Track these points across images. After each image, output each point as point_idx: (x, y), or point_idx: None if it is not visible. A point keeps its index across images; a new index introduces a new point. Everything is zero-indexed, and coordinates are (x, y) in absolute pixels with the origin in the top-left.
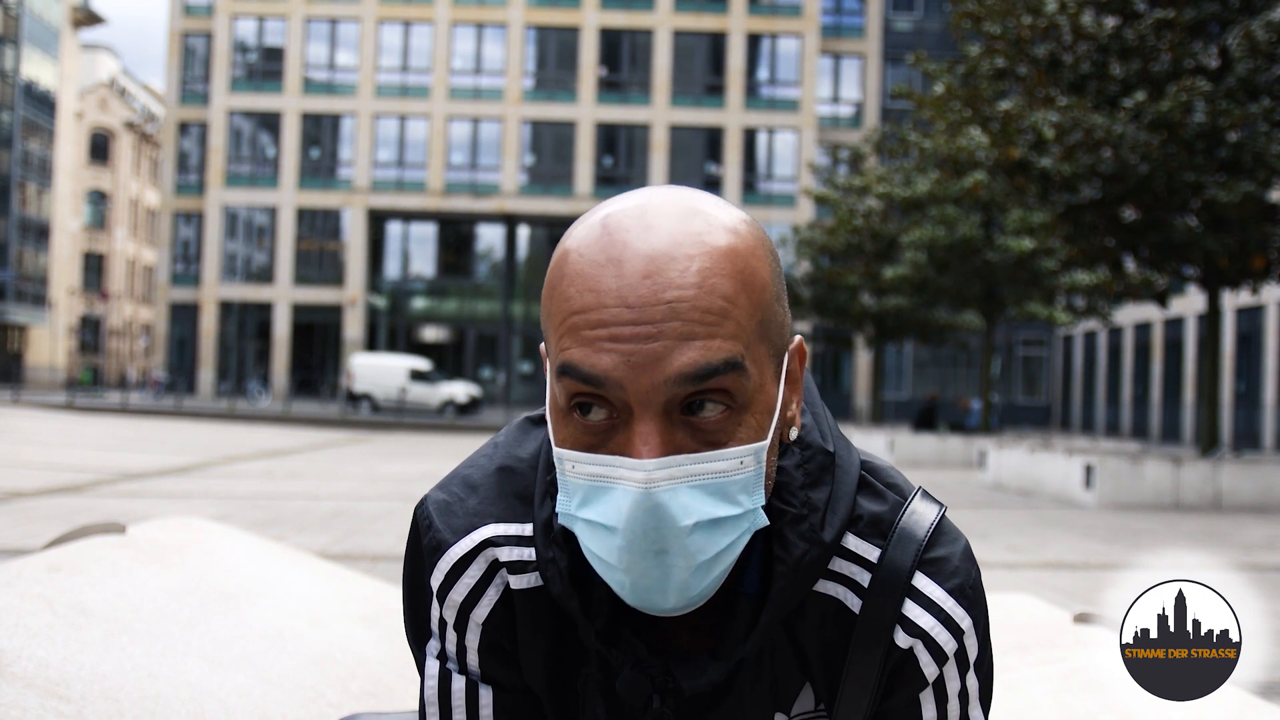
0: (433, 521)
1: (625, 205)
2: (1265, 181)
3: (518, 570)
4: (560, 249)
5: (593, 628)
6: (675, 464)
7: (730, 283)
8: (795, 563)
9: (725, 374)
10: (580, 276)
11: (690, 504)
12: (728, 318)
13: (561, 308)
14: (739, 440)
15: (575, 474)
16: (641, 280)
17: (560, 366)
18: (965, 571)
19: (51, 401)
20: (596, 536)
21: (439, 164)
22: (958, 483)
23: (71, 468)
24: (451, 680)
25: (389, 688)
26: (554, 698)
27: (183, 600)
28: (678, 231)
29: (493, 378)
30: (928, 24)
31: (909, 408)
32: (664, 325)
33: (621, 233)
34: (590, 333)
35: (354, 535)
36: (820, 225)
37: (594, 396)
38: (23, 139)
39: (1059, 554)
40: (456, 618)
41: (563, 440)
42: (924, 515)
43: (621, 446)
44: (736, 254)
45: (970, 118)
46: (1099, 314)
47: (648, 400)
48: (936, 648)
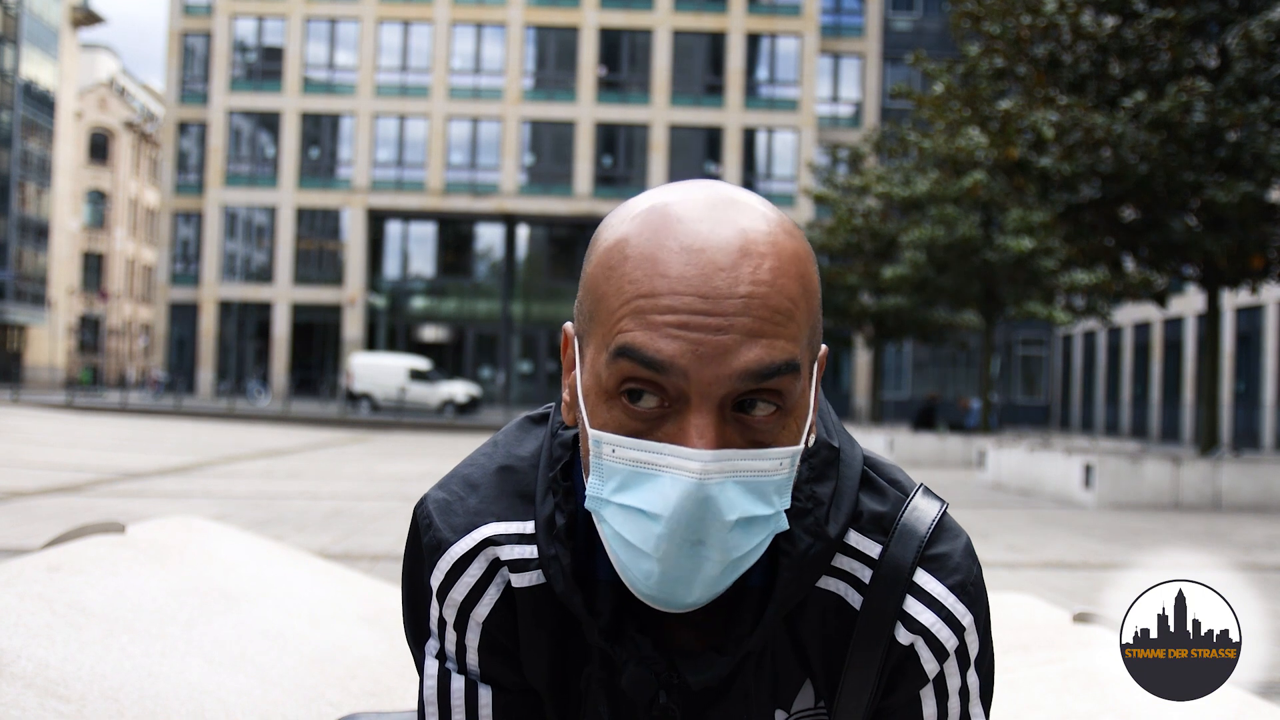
0: (433, 520)
1: (686, 196)
2: (1264, 181)
3: (519, 569)
4: (612, 232)
5: (596, 625)
6: (727, 458)
7: (795, 285)
8: (800, 557)
9: (784, 375)
10: (648, 260)
11: (736, 500)
12: (791, 319)
13: (623, 289)
14: (781, 442)
15: (615, 458)
16: (717, 271)
17: (619, 348)
18: (967, 568)
19: (51, 401)
20: (633, 522)
21: (438, 164)
22: (957, 482)
23: (71, 467)
24: (451, 680)
25: (389, 688)
26: (556, 696)
27: (182, 600)
28: (748, 228)
29: (492, 377)
30: (927, 24)
31: (908, 407)
32: (735, 319)
33: (692, 222)
34: (658, 317)
35: (354, 535)
36: (820, 225)
37: (648, 383)
38: (22, 139)
39: (1059, 554)
40: (457, 617)
41: (603, 424)
42: (925, 512)
43: (672, 435)
44: (799, 257)
45: (970, 117)
46: (1098, 314)
47: (708, 392)
48: (938, 644)
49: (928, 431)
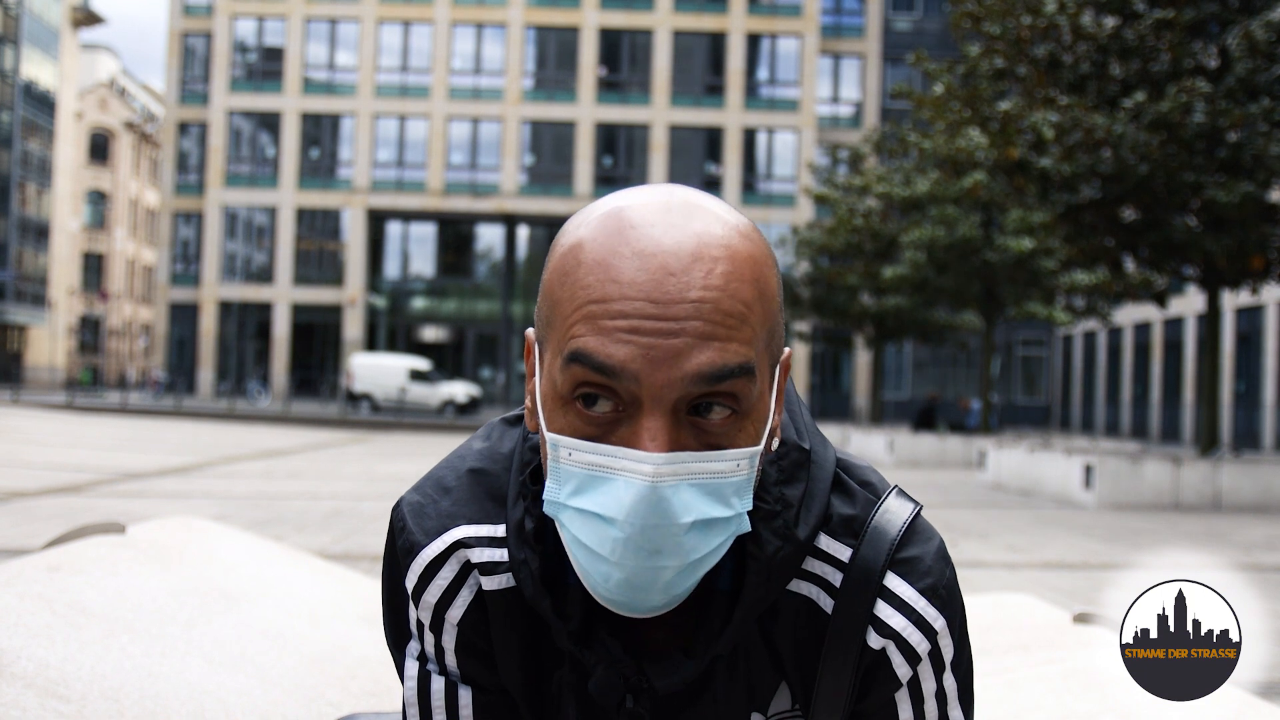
0: (406, 523)
1: (642, 200)
2: (1264, 182)
3: (490, 571)
4: (569, 238)
5: (565, 629)
6: (680, 461)
7: (750, 289)
8: (769, 560)
9: (738, 378)
10: (600, 265)
11: (690, 502)
12: (745, 323)
13: (576, 295)
14: (738, 444)
15: (571, 461)
16: (667, 276)
17: (571, 354)
18: (938, 571)
19: (51, 401)
20: (590, 526)
21: (439, 164)
22: (957, 483)
23: (71, 468)
24: (431, 681)
25: (389, 688)
26: (529, 699)
27: (182, 600)
28: (702, 232)
29: (492, 378)
30: (927, 24)
31: (909, 408)
32: (686, 323)
33: (646, 227)
34: (609, 323)
35: (354, 535)
36: (820, 225)
37: (601, 387)
38: (22, 139)
39: (1059, 554)
40: (432, 619)
41: (560, 429)
42: (897, 514)
43: (625, 439)
44: (755, 261)
45: (970, 118)
46: (1099, 314)
47: (660, 396)
48: (909, 648)
49: (928, 432)
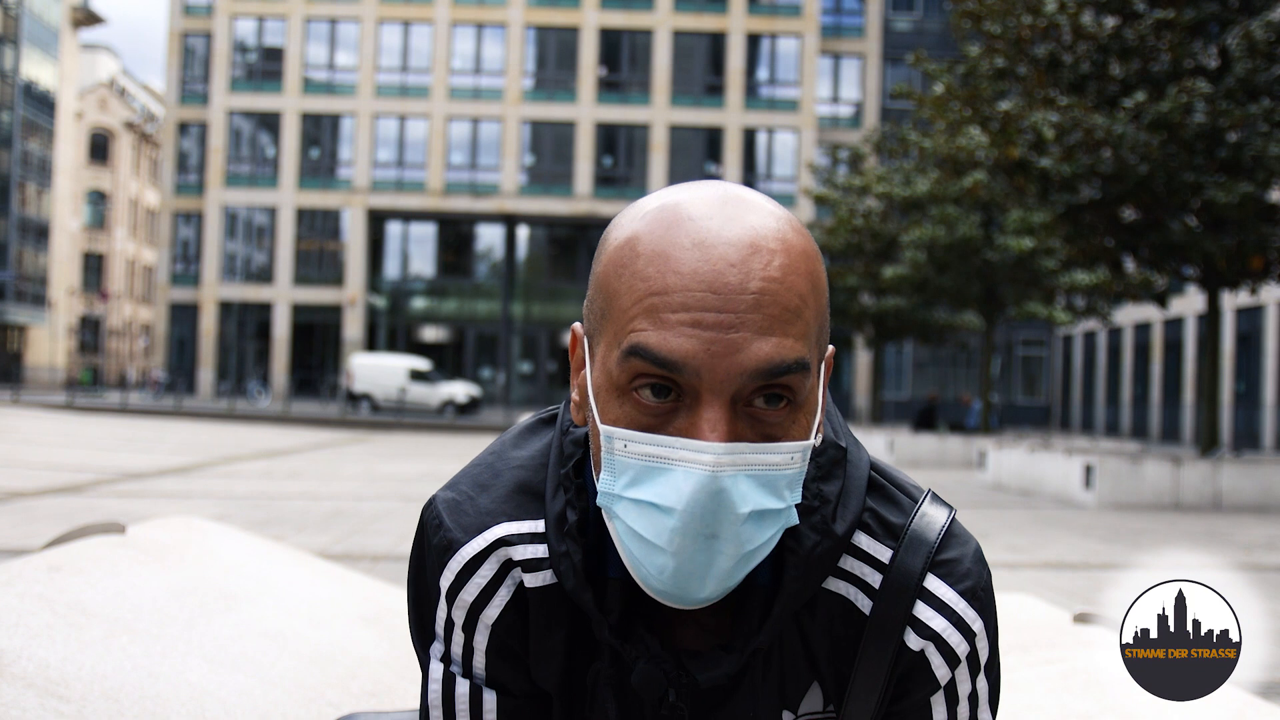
0: (443, 521)
1: (694, 195)
2: (1264, 182)
3: (532, 568)
4: (622, 231)
5: (606, 622)
6: (739, 451)
7: (805, 281)
8: (807, 554)
9: (795, 372)
10: (660, 257)
11: (748, 493)
12: (801, 317)
13: (635, 287)
14: (792, 437)
15: (627, 453)
16: (728, 267)
17: (631, 347)
18: (977, 574)
19: (51, 401)
20: (646, 516)
21: (439, 164)
22: (958, 483)
23: (71, 468)
24: (455, 684)
25: (389, 688)
26: (564, 695)
27: (183, 600)
28: (758, 225)
29: (492, 378)
30: (928, 24)
31: (909, 408)
32: (746, 316)
33: (704, 219)
34: (671, 315)
35: (354, 535)
36: (820, 225)
37: (661, 379)
38: (22, 139)
39: (1059, 554)
40: (465, 618)
41: (614, 420)
42: (935, 518)
43: (683, 430)
44: (808, 255)
45: (970, 118)
46: (1099, 314)
47: (720, 388)
48: (949, 650)
49: (928, 432)
